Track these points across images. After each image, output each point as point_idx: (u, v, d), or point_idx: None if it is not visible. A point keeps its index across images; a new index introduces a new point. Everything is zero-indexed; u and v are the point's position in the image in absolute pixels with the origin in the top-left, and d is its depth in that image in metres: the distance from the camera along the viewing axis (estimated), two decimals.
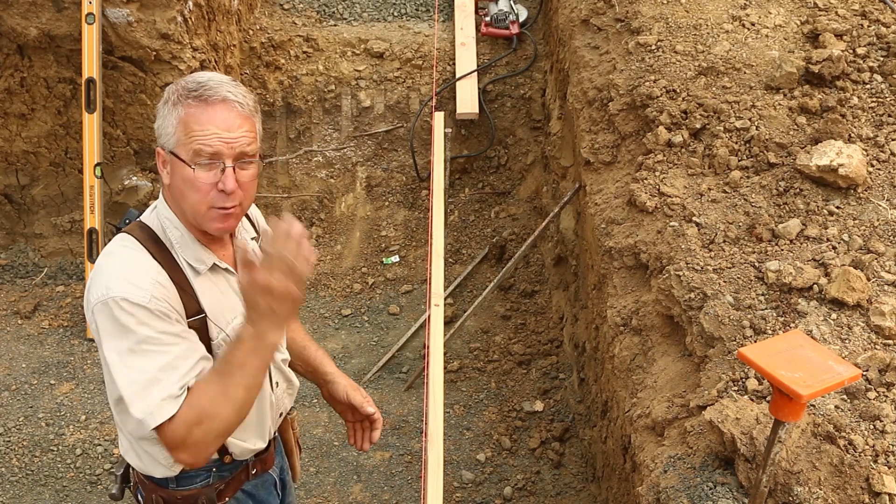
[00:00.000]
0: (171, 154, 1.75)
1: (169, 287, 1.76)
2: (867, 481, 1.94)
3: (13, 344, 4.46)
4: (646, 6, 3.75)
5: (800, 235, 2.66)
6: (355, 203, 5.32)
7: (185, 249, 1.83)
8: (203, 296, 1.84)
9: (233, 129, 1.74)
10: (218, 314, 1.86)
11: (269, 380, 2.03)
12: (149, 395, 1.67)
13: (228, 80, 1.79)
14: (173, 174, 1.78)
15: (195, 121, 1.72)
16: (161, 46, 4.41)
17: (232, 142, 1.74)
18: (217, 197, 1.76)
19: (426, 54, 5.38)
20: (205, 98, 1.72)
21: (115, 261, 1.78)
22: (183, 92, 1.74)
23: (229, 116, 1.74)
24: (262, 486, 2.14)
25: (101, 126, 4.46)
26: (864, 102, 3.05)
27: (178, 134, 1.73)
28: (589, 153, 3.64)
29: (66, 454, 3.86)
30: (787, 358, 1.71)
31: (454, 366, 4.41)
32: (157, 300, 1.71)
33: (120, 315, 1.68)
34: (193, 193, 1.75)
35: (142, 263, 1.77)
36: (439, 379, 3.18)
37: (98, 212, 4.45)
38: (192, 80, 1.76)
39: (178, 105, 1.74)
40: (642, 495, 2.28)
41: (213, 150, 1.72)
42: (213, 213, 1.78)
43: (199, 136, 1.72)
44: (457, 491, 3.78)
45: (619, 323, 3.02)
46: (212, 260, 1.87)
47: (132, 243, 1.81)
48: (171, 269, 1.79)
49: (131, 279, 1.71)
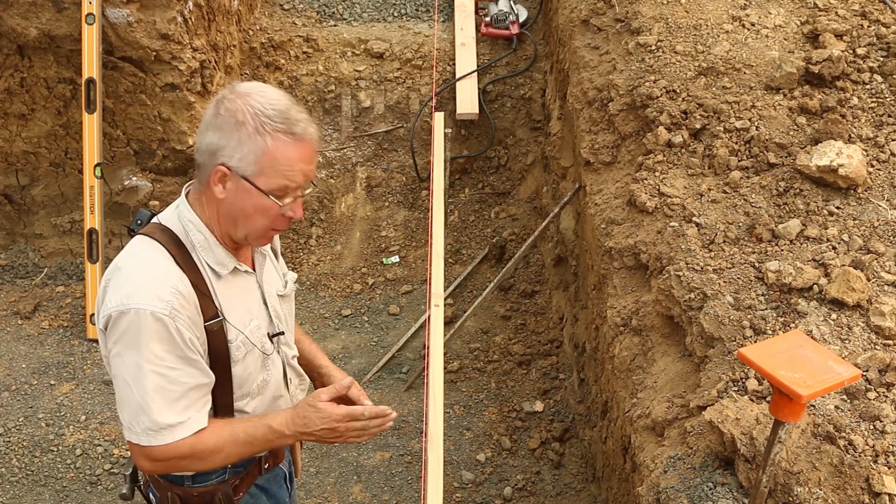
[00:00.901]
0: (246, 180, 1.74)
1: (189, 294, 1.77)
2: (867, 481, 1.94)
3: (13, 344, 4.46)
4: (646, 6, 3.75)
5: (800, 236, 2.66)
6: (355, 203, 5.32)
7: (207, 253, 1.85)
8: (222, 298, 1.86)
9: (311, 163, 1.80)
10: (236, 316, 1.89)
11: (285, 379, 2.09)
12: (157, 415, 1.74)
13: (297, 106, 1.79)
14: (240, 197, 1.78)
15: (285, 157, 1.73)
16: (161, 47, 4.41)
17: (309, 174, 1.80)
18: (282, 222, 1.83)
19: (426, 55, 5.38)
20: (296, 135, 1.74)
21: (137, 266, 1.78)
22: (266, 120, 1.71)
23: (312, 152, 1.79)
24: (273, 480, 2.18)
25: (101, 126, 4.46)
26: (864, 103, 3.05)
27: (261, 164, 1.73)
28: (589, 153, 3.65)
29: (66, 454, 3.86)
30: (787, 358, 1.71)
31: (454, 366, 4.41)
32: (176, 312, 1.73)
33: (140, 327, 1.71)
34: (264, 220, 1.80)
35: (164, 270, 1.77)
36: (439, 379, 3.18)
37: (98, 212, 4.45)
38: (269, 104, 1.73)
39: (262, 135, 1.71)
40: (642, 495, 2.28)
41: (296, 185, 1.78)
42: (270, 233, 1.86)
43: (288, 172, 1.75)
44: (457, 491, 3.78)
45: (619, 323, 3.02)
46: (233, 263, 1.89)
47: (154, 246, 1.81)
48: (192, 273, 1.81)
49: (154, 289, 1.73)
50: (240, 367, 1.90)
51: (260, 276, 1.99)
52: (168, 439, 1.76)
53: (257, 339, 1.94)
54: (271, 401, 2.03)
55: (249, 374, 1.94)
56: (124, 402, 1.78)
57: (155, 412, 1.74)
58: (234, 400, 1.94)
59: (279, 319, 2.03)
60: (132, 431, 1.78)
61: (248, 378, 1.94)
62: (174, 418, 1.76)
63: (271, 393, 2.03)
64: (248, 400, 1.97)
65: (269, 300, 2.00)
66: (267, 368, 1.99)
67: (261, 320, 1.97)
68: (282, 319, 2.05)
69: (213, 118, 1.75)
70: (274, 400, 2.04)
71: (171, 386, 1.75)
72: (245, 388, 1.95)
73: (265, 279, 2.01)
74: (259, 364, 1.96)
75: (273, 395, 2.04)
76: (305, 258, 5.10)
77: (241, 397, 1.95)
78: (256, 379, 1.97)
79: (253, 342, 1.92)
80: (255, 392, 1.98)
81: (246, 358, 1.91)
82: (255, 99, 1.73)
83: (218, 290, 1.85)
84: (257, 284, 1.98)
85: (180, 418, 1.76)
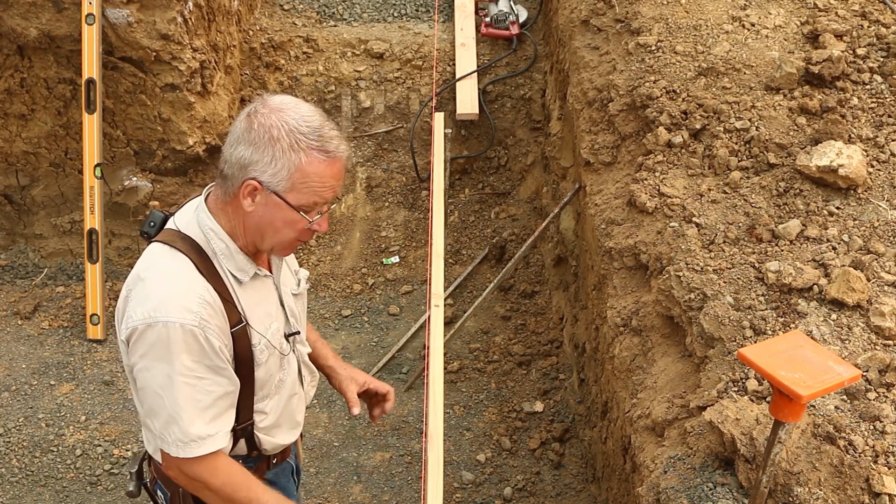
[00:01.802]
0: (276, 195, 1.75)
1: (215, 303, 1.79)
2: (867, 482, 1.94)
3: (13, 345, 4.46)
4: (646, 7, 3.75)
5: (800, 236, 2.66)
6: (355, 203, 5.32)
7: (228, 260, 1.86)
8: (245, 304, 1.88)
9: (341, 180, 1.82)
10: (258, 321, 1.91)
11: (300, 377, 2.12)
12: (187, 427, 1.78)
13: (329, 123, 1.79)
14: (270, 211, 1.79)
15: (318, 175, 1.75)
16: (161, 47, 4.41)
17: (338, 190, 1.83)
18: (306, 234, 1.85)
19: (426, 55, 5.38)
20: (330, 153, 1.75)
21: (161, 277, 1.79)
22: (301, 137, 1.72)
23: (342, 169, 1.81)
24: (282, 474, 2.21)
25: (101, 127, 4.46)
26: (864, 103, 3.05)
27: (293, 180, 1.74)
28: (589, 154, 3.65)
29: (66, 455, 3.86)
30: (787, 358, 1.71)
31: (454, 366, 4.41)
32: (206, 322, 1.75)
33: (170, 340, 1.73)
34: (290, 232, 1.82)
35: (189, 280, 1.79)
36: (439, 379, 3.18)
37: (98, 212, 4.45)
38: (304, 121, 1.74)
39: (297, 152, 1.72)
40: (642, 496, 2.28)
41: (325, 201, 1.81)
42: (295, 244, 1.88)
43: (319, 189, 1.77)
44: (457, 491, 3.78)
45: (619, 323, 3.02)
46: (253, 269, 1.90)
47: (176, 256, 1.81)
48: (215, 281, 1.83)
49: (181, 301, 1.74)
50: (262, 369, 1.93)
51: (277, 277, 2.02)
52: (196, 452, 1.79)
53: (277, 341, 1.97)
54: (287, 399, 2.06)
55: (270, 375, 1.97)
56: (155, 412, 1.80)
57: (186, 423, 1.77)
58: (255, 402, 1.96)
59: (295, 319, 2.07)
60: (165, 442, 1.81)
61: (269, 379, 1.97)
62: (204, 430, 1.79)
63: (287, 391, 2.06)
64: (266, 401, 2.00)
65: (285, 300, 2.03)
66: (283, 368, 2.02)
67: (279, 321, 2.00)
68: (297, 318, 2.08)
69: (245, 132, 1.74)
70: (289, 398, 2.07)
71: (200, 396, 1.77)
72: (265, 389, 1.97)
73: (281, 280, 2.04)
74: (277, 364, 1.99)
75: (289, 394, 2.07)
76: (305, 258, 5.10)
77: (262, 399, 1.98)
78: (273, 379, 2.00)
79: (274, 345, 1.95)
80: (272, 392, 2.01)
81: (268, 360, 1.94)
82: (290, 115, 1.74)
83: (240, 296, 1.87)
84: (275, 286, 2.00)
85: (210, 431, 1.80)
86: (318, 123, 1.75)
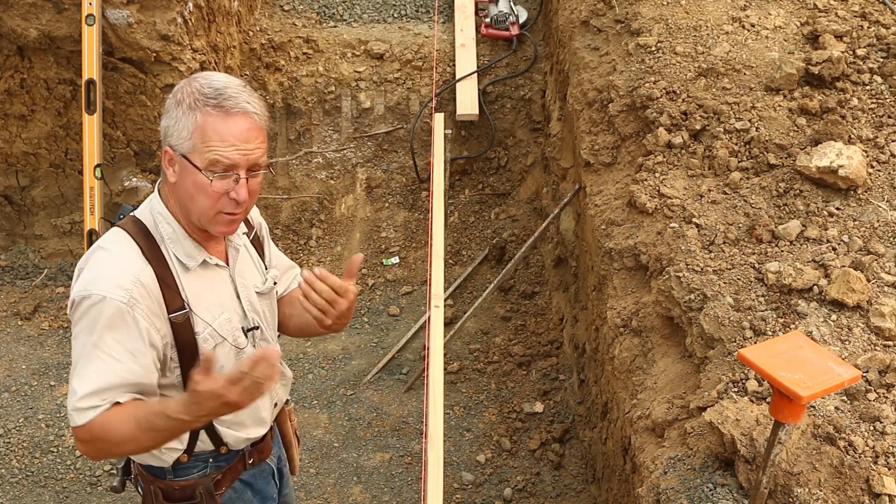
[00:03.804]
0: (184, 158, 1.76)
1: (151, 285, 1.80)
2: (867, 482, 1.94)
3: (13, 345, 4.46)
4: (646, 7, 3.75)
5: (800, 237, 2.66)
6: (355, 204, 5.32)
7: (175, 245, 1.87)
8: (190, 291, 1.88)
9: (250, 141, 1.76)
10: (204, 309, 1.90)
11: None
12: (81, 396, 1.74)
13: (243, 86, 1.79)
14: (183, 176, 1.80)
15: (214, 131, 1.73)
16: (161, 48, 4.41)
17: (248, 153, 1.76)
18: (227, 203, 1.80)
19: (426, 55, 5.38)
20: (225, 108, 1.73)
21: (104, 256, 1.83)
22: (200, 97, 1.74)
23: (247, 128, 1.76)
24: (259, 476, 2.18)
25: (101, 127, 4.46)
26: (864, 104, 3.05)
27: (193, 140, 1.74)
28: (589, 154, 3.65)
29: (66, 455, 3.86)
30: (787, 359, 1.71)
31: (454, 367, 4.41)
32: (135, 301, 1.76)
33: (96, 312, 1.74)
34: (205, 199, 1.79)
35: (128, 260, 1.81)
36: (439, 380, 3.18)
37: (98, 213, 4.45)
38: (208, 84, 1.75)
39: (194, 110, 1.73)
40: (642, 496, 2.28)
41: (230, 161, 1.75)
42: (221, 217, 1.83)
43: (218, 147, 1.73)
44: (457, 492, 3.78)
45: (619, 324, 3.02)
46: (202, 256, 1.90)
47: (123, 238, 1.85)
48: (158, 265, 1.83)
49: (115, 278, 1.77)
50: None
51: (233, 269, 2.00)
52: (80, 420, 1.74)
53: (227, 332, 1.94)
54: None
55: (221, 366, 1.93)
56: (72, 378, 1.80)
57: (79, 393, 1.74)
58: None
59: (256, 314, 2.04)
60: (72, 416, 1.77)
61: (220, 371, 1.92)
62: (91, 402, 1.74)
63: None
64: None
65: (242, 294, 2.00)
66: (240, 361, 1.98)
67: (233, 313, 1.97)
68: (259, 315, 2.05)
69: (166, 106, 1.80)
70: None
71: (110, 377, 1.75)
72: None
73: (240, 273, 2.01)
74: (232, 357, 1.96)
75: None
76: (305, 259, 5.09)
77: None
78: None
79: (222, 334, 1.93)
80: None
81: (216, 350, 1.91)
82: (199, 81, 1.77)
83: (185, 282, 1.87)
84: (230, 278, 1.98)
85: (97, 402, 1.74)
86: (222, 84, 1.75)
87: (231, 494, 2.11)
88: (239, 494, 2.14)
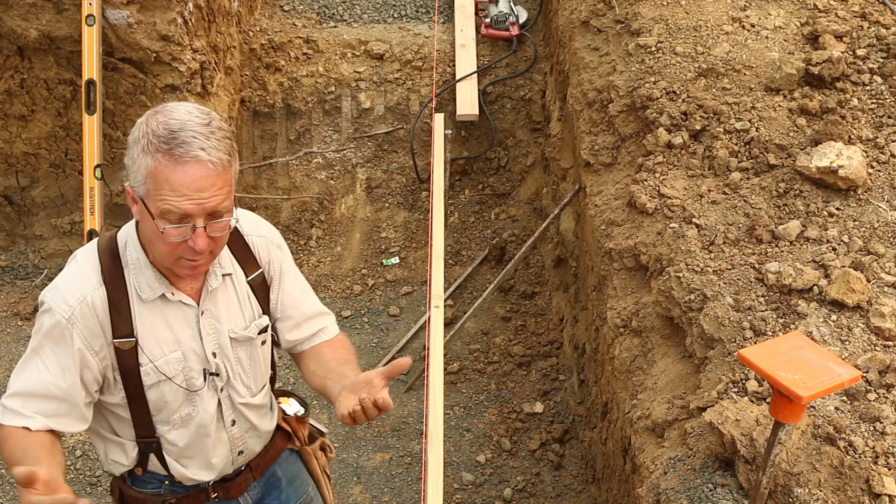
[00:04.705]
0: (142, 201, 1.67)
1: (100, 307, 1.78)
2: (867, 483, 1.94)
3: (13, 345, 4.46)
4: (646, 8, 3.75)
5: (800, 237, 2.66)
6: (355, 204, 5.32)
7: (137, 274, 1.82)
8: (141, 321, 1.82)
9: (204, 190, 1.63)
10: (154, 343, 1.84)
11: (221, 418, 1.99)
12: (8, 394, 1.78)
13: (202, 127, 1.64)
14: (142, 219, 1.73)
15: (165, 180, 1.61)
16: (161, 48, 4.41)
17: (203, 202, 1.64)
18: (186, 251, 1.70)
19: (426, 56, 5.38)
20: (176, 157, 1.60)
21: (70, 267, 1.84)
22: (153, 139, 1.62)
23: (201, 177, 1.62)
24: None
25: (102, 128, 4.46)
26: (864, 104, 3.05)
27: (147, 186, 1.64)
28: (589, 155, 3.65)
29: (66, 456, 3.86)
30: (787, 359, 1.71)
31: (454, 367, 4.41)
32: (75, 319, 1.76)
33: (43, 319, 1.78)
34: (162, 246, 1.71)
35: (84, 278, 1.80)
36: (439, 380, 3.18)
37: (98, 213, 4.45)
38: (165, 123, 1.63)
39: (147, 154, 1.62)
40: (642, 497, 2.28)
41: (182, 212, 1.63)
42: (182, 262, 1.74)
43: (169, 196, 1.62)
44: (457, 492, 3.78)
45: (619, 324, 3.02)
46: (161, 290, 1.83)
47: (91, 253, 1.84)
48: (114, 288, 1.80)
49: (65, 292, 1.78)
50: (153, 393, 1.86)
51: (207, 308, 1.89)
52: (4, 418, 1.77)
53: (175, 372, 1.86)
54: (196, 436, 1.96)
55: (166, 403, 1.88)
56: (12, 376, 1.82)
57: (9, 391, 1.77)
58: (155, 423, 1.91)
59: (225, 360, 1.93)
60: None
61: (165, 407, 1.89)
62: (14, 403, 1.77)
63: (196, 429, 1.95)
64: (168, 428, 1.92)
65: (207, 336, 1.90)
66: (193, 404, 1.92)
67: (190, 353, 1.88)
68: (229, 361, 1.94)
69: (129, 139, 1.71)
70: (200, 437, 1.96)
71: (35, 384, 1.77)
72: (163, 415, 1.90)
73: (212, 314, 1.90)
74: (181, 397, 1.90)
75: (198, 432, 1.95)
76: (305, 259, 5.10)
77: (161, 423, 1.91)
78: (178, 411, 1.91)
79: (166, 374, 1.85)
80: (176, 422, 1.92)
81: (160, 386, 1.86)
82: (158, 118, 1.64)
83: (138, 311, 1.81)
84: (195, 318, 1.88)
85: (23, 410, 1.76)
86: (178, 126, 1.61)
87: None
88: None
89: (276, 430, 2.19)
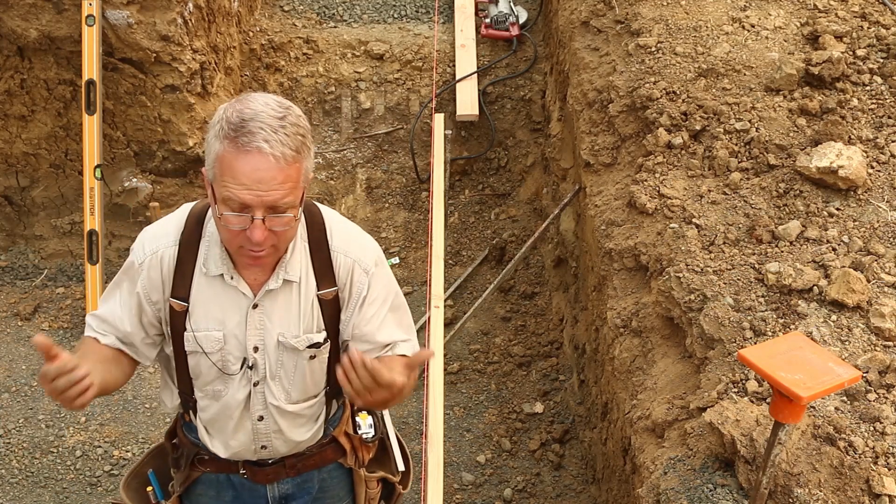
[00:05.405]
0: (210, 186, 1.72)
1: (167, 264, 1.89)
2: (867, 483, 1.94)
3: (13, 346, 4.46)
4: (646, 8, 3.75)
5: (800, 237, 2.66)
6: (355, 205, 5.32)
7: (209, 247, 1.88)
8: (198, 291, 1.89)
9: (263, 182, 1.63)
10: (200, 315, 1.90)
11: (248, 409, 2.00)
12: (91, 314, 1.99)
13: (274, 120, 1.64)
14: (210, 201, 1.76)
15: (228, 167, 1.63)
16: (161, 48, 4.41)
17: (262, 195, 1.63)
18: (245, 241, 1.71)
19: (426, 56, 5.38)
20: (239, 145, 1.61)
21: (165, 218, 1.96)
22: (225, 125, 1.64)
23: (261, 168, 1.62)
24: (249, 490, 2.15)
25: (101, 128, 4.46)
26: (864, 104, 3.05)
27: (214, 170, 1.68)
28: (589, 155, 3.65)
29: (67, 456, 3.85)
30: (787, 360, 1.72)
31: (454, 367, 4.41)
32: (143, 267, 1.89)
33: (129, 257, 1.94)
34: (225, 232, 1.75)
35: (164, 233, 1.91)
36: (439, 381, 3.19)
37: (98, 213, 4.45)
38: (239, 112, 1.64)
39: (218, 139, 1.65)
40: (642, 497, 2.28)
41: (240, 201, 1.64)
42: (243, 251, 1.76)
43: (230, 184, 1.64)
44: (457, 493, 3.78)
45: (619, 324, 3.02)
46: (220, 270, 1.87)
47: (182, 213, 1.93)
48: (186, 252, 1.89)
49: (147, 240, 1.92)
50: (192, 359, 1.95)
51: (263, 304, 1.89)
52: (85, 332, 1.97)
53: (211, 349, 1.91)
54: (220, 414, 2.01)
55: (201, 373, 1.96)
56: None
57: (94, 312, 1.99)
58: (193, 385, 2.00)
59: (265, 357, 1.93)
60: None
61: (201, 376, 1.97)
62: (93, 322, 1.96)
63: (224, 409, 1.99)
64: (202, 395, 2.01)
65: (254, 330, 1.91)
66: (226, 384, 1.97)
67: (232, 339, 1.91)
68: (271, 361, 1.94)
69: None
70: (224, 417, 2.00)
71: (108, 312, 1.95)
72: (199, 382, 1.99)
73: (266, 311, 1.90)
74: (214, 373, 1.95)
75: (223, 412, 2.00)
76: None
77: (198, 388, 2.00)
78: (211, 384, 1.97)
79: (203, 347, 1.90)
80: (209, 393, 1.99)
81: (197, 356, 1.94)
82: (236, 105, 1.67)
83: (197, 281, 1.89)
84: (247, 308, 1.89)
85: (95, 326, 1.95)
86: (250, 115, 1.63)
87: (213, 478, 2.14)
88: (218, 489, 2.16)
89: (330, 441, 2.17)
